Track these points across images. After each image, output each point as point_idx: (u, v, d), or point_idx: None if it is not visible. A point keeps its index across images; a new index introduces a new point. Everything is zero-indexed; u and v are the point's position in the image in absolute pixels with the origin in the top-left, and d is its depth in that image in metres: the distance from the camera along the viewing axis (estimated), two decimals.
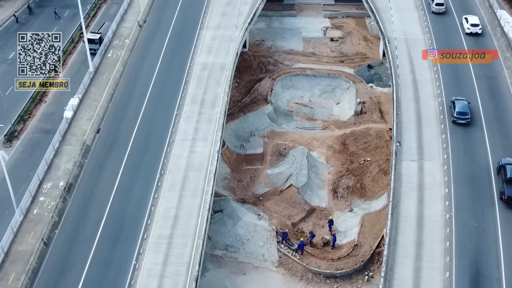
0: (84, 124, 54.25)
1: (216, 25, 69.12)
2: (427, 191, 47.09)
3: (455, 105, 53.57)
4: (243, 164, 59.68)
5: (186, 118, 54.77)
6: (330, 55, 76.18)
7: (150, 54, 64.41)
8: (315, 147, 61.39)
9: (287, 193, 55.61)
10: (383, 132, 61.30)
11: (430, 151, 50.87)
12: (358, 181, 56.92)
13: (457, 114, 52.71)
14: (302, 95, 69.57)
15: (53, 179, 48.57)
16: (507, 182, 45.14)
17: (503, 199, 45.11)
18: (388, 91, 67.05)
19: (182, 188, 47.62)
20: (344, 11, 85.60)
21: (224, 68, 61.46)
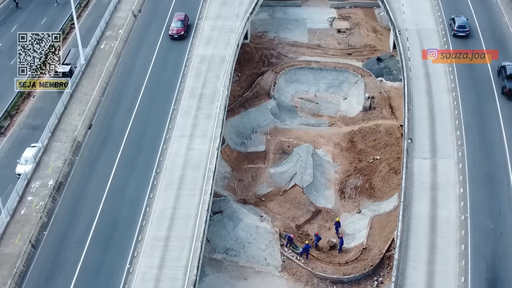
0: (75, 120, 54.09)
1: (216, 15, 69.10)
2: (440, 191, 46.85)
3: (455, 21, 63.16)
4: (244, 163, 59.49)
5: (183, 113, 54.61)
6: (337, 47, 75.95)
7: (145, 46, 64.41)
8: (321, 144, 61.17)
9: (291, 193, 55.43)
10: (394, 129, 61.07)
11: (444, 148, 50.63)
12: (366, 181, 56.71)
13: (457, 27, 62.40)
14: (307, 89, 69.36)
15: (41, 178, 48.37)
16: (507, 78, 55.61)
17: (504, 92, 55.27)
18: (398, 85, 66.86)
19: (179, 188, 47.43)
20: (351, 1, 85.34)
21: (224, 60, 61.32)
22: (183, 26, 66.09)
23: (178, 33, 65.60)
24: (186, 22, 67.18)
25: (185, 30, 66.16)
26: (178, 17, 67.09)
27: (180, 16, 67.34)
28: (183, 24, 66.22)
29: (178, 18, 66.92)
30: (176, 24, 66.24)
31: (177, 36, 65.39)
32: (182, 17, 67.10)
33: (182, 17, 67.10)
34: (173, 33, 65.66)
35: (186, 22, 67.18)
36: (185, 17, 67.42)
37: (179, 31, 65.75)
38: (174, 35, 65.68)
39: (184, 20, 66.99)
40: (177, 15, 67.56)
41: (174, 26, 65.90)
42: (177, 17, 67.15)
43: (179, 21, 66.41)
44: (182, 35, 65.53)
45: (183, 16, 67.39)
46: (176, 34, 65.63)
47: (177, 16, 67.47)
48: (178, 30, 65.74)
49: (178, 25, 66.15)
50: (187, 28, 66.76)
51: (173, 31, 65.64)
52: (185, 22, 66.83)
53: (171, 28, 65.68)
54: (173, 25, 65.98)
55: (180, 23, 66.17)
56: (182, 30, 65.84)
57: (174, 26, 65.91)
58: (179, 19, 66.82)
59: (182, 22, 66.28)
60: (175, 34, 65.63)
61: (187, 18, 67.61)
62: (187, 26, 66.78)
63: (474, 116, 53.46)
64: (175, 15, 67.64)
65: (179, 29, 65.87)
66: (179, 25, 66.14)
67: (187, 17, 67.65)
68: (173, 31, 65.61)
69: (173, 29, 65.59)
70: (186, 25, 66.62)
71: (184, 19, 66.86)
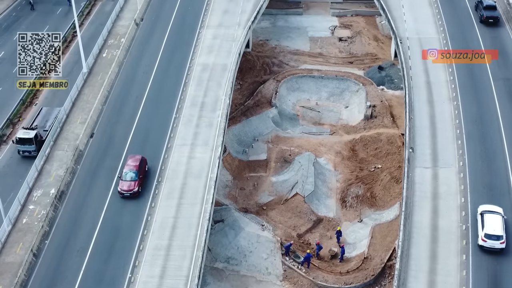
0: (77, 128, 54.20)
1: (218, 24, 69.18)
2: (442, 200, 46.83)
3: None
4: (246, 171, 59.54)
5: (185, 122, 54.67)
6: (339, 56, 76.13)
7: (147, 54, 64.47)
8: (323, 153, 61.21)
9: (293, 202, 55.43)
10: (395, 138, 61.13)
11: (445, 157, 50.66)
12: (368, 190, 56.70)
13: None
14: (309, 98, 69.49)
15: (43, 186, 48.49)
16: (484, 9, 66.87)
17: (482, 20, 66.33)
18: (400, 94, 66.92)
19: (181, 197, 47.42)
20: (353, 9, 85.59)
21: (225, 69, 61.45)
22: (138, 179, 46.75)
23: (129, 190, 46.25)
24: (143, 170, 47.87)
25: (141, 183, 47.00)
26: (131, 165, 47.42)
27: (133, 164, 47.60)
28: (138, 176, 46.85)
29: (130, 167, 47.17)
30: (127, 175, 46.77)
31: (128, 195, 46.32)
32: (136, 164, 47.48)
33: (136, 164, 47.48)
34: (123, 190, 46.24)
35: (143, 170, 47.87)
36: (141, 162, 47.91)
37: (131, 187, 46.40)
38: (125, 193, 46.29)
39: (139, 168, 47.35)
40: (130, 162, 47.92)
41: (124, 179, 46.64)
42: (130, 165, 47.47)
43: (131, 171, 46.91)
44: (135, 193, 46.50)
45: (137, 161, 47.78)
46: (127, 192, 46.27)
47: (130, 163, 47.76)
48: (129, 187, 46.34)
49: (129, 177, 46.70)
50: (143, 178, 47.65)
51: (122, 188, 46.33)
52: (141, 171, 47.37)
53: (120, 183, 46.65)
54: (123, 175, 46.88)
55: (134, 175, 46.73)
56: (136, 185, 46.53)
57: (125, 178, 46.69)
58: (132, 168, 47.15)
59: (136, 173, 46.80)
60: (126, 192, 46.24)
61: (144, 163, 48.31)
62: (143, 177, 47.57)
63: (475, 125, 53.50)
64: (128, 158, 48.66)
65: (132, 184, 46.54)
66: (132, 177, 46.69)
67: (144, 161, 48.43)
68: (122, 187, 46.35)
69: (122, 186, 46.42)
70: (141, 177, 47.25)
71: (139, 167, 47.36)
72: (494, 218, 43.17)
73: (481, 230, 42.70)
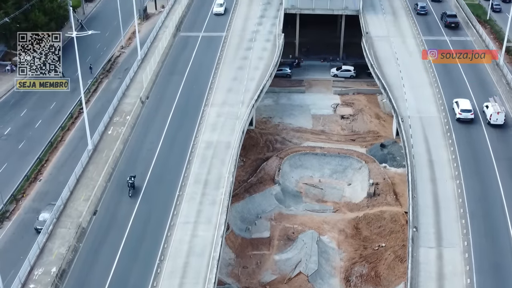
0: (80, 205, 54.19)
1: (222, 102, 70.41)
2: (447, 281, 46.33)
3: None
4: (249, 249, 59.17)
5: (188, 200, 54.78)
6: (341, 133, 77.14)
7: (152, 131, 65.33)
8: (326, 231, 61.01)
9: (296, 281, 54.80)
10: (398, 216, 61.08)
11: (449, 237, 50.46)
12: (372, 269, 56.15)
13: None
14: (312, 175, 69.88)
15: (45, 265, 48.01)
16: (448, 16, 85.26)
17: (446, 24, 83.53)
18: (402, 171, 67.33)
19: (183, 276, 46.94)
20: (355, 88, 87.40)
21: (229, 146, 62.11)
22: None
23: None
24: None
25: None
26: None
27: None
28: None
29: None
30: None
31: None
32: None
33: None
34: None
35: None
36: None
37: None
38: None
39: None
40: None
41: None
42: None
43: None
44: None
45: None
46: None
47: None
48: None
49: None
50: None
51: None
52: None
53: None
54: None
55: None
56: None
57: None
58: None
59: None
60: None
61: None
62: None
63: (479, 204, 53.59)
64: None
65: None
66: None
67: None
68: None
69: None
70: None
71: None
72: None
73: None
